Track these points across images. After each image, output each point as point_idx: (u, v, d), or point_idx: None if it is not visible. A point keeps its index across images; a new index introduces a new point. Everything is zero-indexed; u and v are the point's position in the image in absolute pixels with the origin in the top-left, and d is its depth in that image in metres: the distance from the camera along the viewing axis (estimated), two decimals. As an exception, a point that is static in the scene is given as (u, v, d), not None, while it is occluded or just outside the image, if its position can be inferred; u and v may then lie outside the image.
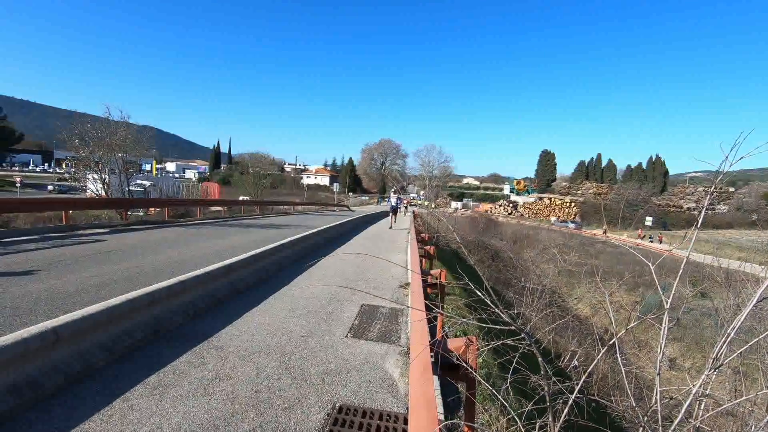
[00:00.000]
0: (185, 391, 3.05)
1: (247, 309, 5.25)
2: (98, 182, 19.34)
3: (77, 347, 3.26)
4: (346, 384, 3.39)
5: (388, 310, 5.59)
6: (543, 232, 47.20)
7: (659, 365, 1.97)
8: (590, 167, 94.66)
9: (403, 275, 7.84)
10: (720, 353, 1.94)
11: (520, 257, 27.94)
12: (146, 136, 21.89)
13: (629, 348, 13.63)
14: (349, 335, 4.57)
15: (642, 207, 64.73)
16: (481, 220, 45.10)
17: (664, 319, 2.01)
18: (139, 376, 3.24)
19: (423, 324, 2.85)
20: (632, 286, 20.31)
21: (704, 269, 15.85)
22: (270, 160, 75.11)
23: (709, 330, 13.14)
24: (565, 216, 70.07)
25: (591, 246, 37.60)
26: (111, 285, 5.37)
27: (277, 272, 7.55)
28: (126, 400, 2.88)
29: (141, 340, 3.88)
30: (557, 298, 18.37)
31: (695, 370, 11.15)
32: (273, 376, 3.42)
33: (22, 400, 2.67)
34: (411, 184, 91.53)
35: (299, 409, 2.94)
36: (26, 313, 4.12)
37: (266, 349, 3.99)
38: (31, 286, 5.06)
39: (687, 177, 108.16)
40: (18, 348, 2.75)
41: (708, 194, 2.59)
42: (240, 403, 2.95)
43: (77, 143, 18.67)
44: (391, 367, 3.80)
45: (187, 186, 45.06)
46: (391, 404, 3.14)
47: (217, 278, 5.67)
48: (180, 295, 4.75)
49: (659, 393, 1.90)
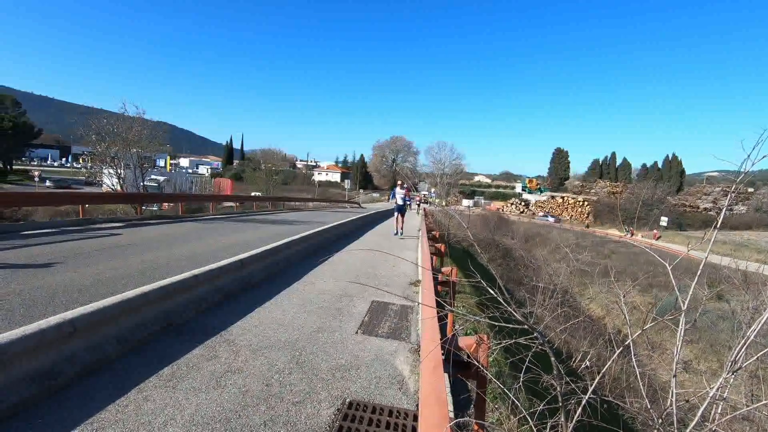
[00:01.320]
0: (198, 384, 3.10)
1: (259, 303, 5.30)
2: (114, 177, 19.66)
3: (93, 338, 3.33)
4: (356, 380, 3.40)
5: (398, 307, 5.59)
6: (555, 231, 46.72)
7: (675, 367, 1.93)
8: (604, 166, 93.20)
9: (414, 272, 7.83)
10: (738, 356, 1.91)
11: (531, 256, 27.69)
12: (161, 131, 22.16)
13: (643, 350, 13.44)
14: (360, 331, 4.58)
15: (657, 207, 63.57)
16: (493, 218, 44.77)
17: (681, 321, 1.97)
18: (154, 368, 3.29)
19: (434, 321, 2.84)
20: (645, 287, 20.00)
21: (721, 271, 15.52)
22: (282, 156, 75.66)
23: (725, 333, 12.88)
24: (578, 215, 69.26)
25: (604, 245, 37.12)
26: (126, 278, 5.46)
27: (289, 267, 7.60)
28: (141, 391, 2.93)
29: (155, 333, 3.94)
30: (569, 297, 18.17)
31: (711, 373, 10.95)
32: (284, 370, 3.44)
33: (42, 389, 2.74)
34: (422, 181, 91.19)
35: (309, 403, 2.96)
36: (44, 304, 4.22)
37: (277, 343, 4.03)
38: (49, 279, 5.18)
39: (704, 176, 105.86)
40: (37, 338, 2.82)
41: (728, 194, 2.53)
42: (251, 396, 2.98)
43: (94, 138, 18.98)
44: (401, 363, 3.80)
45: (200, 181, 45.68)
46: (400, 401, 3.14)
47: (230, 273, 5.73)
48: (193, 289, 4.81)
49: (675, 395, 1.86)
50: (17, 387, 2.62)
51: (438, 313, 2.82)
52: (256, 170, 50.70)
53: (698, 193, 76.11)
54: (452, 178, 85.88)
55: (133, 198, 15.91)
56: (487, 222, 39.99)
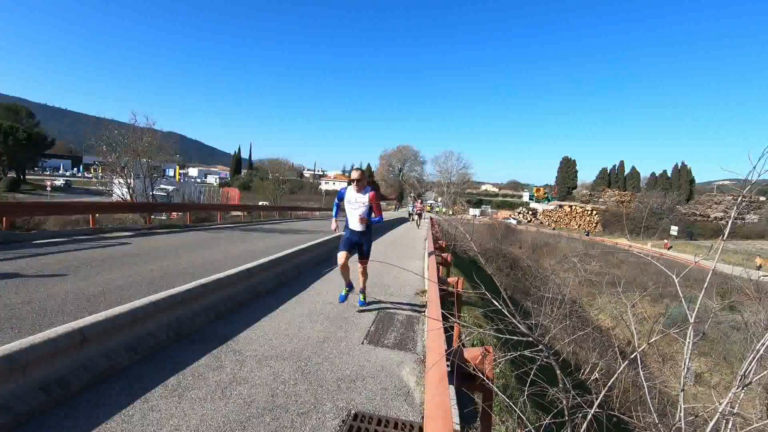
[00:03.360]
0: (203, 394, 3.11)
1: (266, 313, 5.31)
2: (124, 186, 19.95)
3: (103, 347, 3.36)
4: (361, 391, 3.39)
5: (404, 317, 5.57)
6: (563, 240, 46.35)
7: (683, 381, 1.91)
8: (612, 174, 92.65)
9: (420, 282, 7.81)
10: (749, 370, 1.88)
11: (539, 266, 27.47)
12: (170, 142, 22.48)
13: (653, 361, 13.20)
14: (366, 342, 4.57)
15: (667, 216, 62.90)
16: (500, 227, 44.60)
17: (689, 333, 1.95)
18: (160, 377, 3.31)
19: (439, 333, 2.83)
20: (656, 297, 19.70)
21: (733, 281, 15.26)
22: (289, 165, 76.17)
23: (738, 345, 12.62)
24: (586, 225, 68.71)
25: (612, 255, 36.71)
26: (135, 287, 5.52)
27: (296, 277, 7.62)
28: (146, 401, 2.95)
29: (163, 341, 3.97)
30: (577, 308, 17.95)
31: (723, 386, 10.72)
32: (289, 381, 3.44)
33: (52, 397, 2.77)
34: (429, 190, 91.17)
35: (315, 415, 2.95)
36: (54, 313, 4.27)
37: (283, 353, 4.03)
38: (60, 288, 5.25)
39: (714, 185, 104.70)
40: (47, 347, 2.85)
41: (736, 205, 2.51)
42: (256, 407, 2.98)
43: (105, 149, 19.32)
44: (407, 375, 3.78)
45: (209, 191, 46.09)
46: (406, 413, 3.12)
47: (237, 282, 5.76)
48: (201, 298, 4.84)
49: (683, 410, 1.84)
50: (28, 395, 2.65)
51: (444, 324, 2.81)
52: (264, 180, 51.10)
53: (708, 202, 75.26)
54: (459, 187, 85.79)
55: (143, 207, 16.09)
56: (494, 231, 39.85)
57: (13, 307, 4.35)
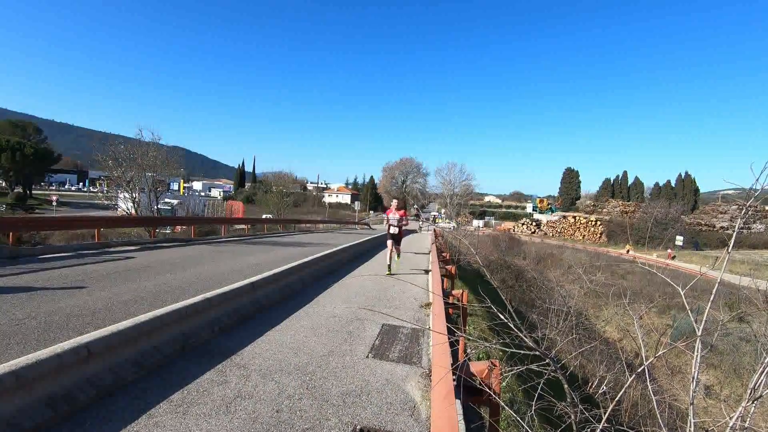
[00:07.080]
0: (208, 409, 3.09)
1: (270, 326, 5.30)
2: (129, 201, 20.10)
3: (109, 362, 3.36)
4: (366, 406, 3.36)
5: (409, 331, 5.54)
6: (568, 251, 46.06)
7: (692, 394, 1.89)
8: (616, 185, 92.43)
9: (424, 294, 7.77)
10: (759, 383, 1.86)
11: (544, 277, 27.27)
12: (175, 156, 22.69)
13: (661, 374, 12.98)
14: (371, 355, 4.54)
15: (671, 226, 62.46)
16: (504, 238, 44.38)
17: (696, 346, 1.94)
18: (165, 392, 3.30)
19: (445, 347, 2.82)
20: (663, 308, 19.48)
21: (741, 292, 15.08)
22: (292, 178, 76.55)
23: (748, 357, 12.42)
24: (590, 236, 68.36)
25: (618, 266, 36.43)
26: (140, 301, 5.53)
27: (300, 290, 7.61)
28: (151, 417, 2.94)
29: (168, 356, 3.96)
30: (584, 320, 17.76)
31: (734, 399, 10.52)
32: (294, 395, 3.42)
33: (58, 413, 2.76)
34: (432, 202, 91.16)
35: (320, 430, 2.93)
36: (59, 328, 4.28)
37: (288, 367, 4.01)
38: (65, 302, 5.26)
39: (719, 195, 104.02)
40: (53, 362, 2.86)
41: (740, 216, 2.51)
42: (261, 422, 2.96)
43: (111, 164, 19.52)
44: (413, 389, 3.75)
45: (213, 204, 46.33)
46: (412, 428, 3.08)
47: (242, 296, 5.76)
48: (205, 312, 4.85)
49: (693, 425, 1.82)
50: (35, 411, 2.65)
51: (449, 338, 2.80)
52: (268, 192, 51.28)
53: (713, 212, 74.73)
54: (462, 199, 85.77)
55: (147, 221, 16.18)
56: (498, 242, 39.68)
57: (19, 322, 4.36)
